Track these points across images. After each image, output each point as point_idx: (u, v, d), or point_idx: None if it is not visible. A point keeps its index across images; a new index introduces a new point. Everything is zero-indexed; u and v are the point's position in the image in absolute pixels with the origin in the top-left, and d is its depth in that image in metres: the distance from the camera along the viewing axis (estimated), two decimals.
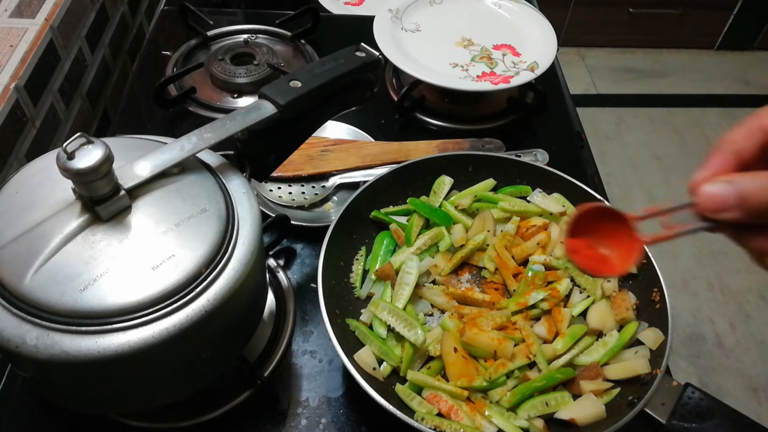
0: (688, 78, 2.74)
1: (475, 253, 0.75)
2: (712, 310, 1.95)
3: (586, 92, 2.67)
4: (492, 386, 0.62)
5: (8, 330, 0.45)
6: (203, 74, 1.02)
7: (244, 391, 0.65)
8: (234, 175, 0.57)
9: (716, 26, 2.76)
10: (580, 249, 0.45)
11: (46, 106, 0.83)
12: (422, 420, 0.58)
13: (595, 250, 0.45)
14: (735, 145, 0.39)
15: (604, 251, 0.45)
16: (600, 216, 0.44)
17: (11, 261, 0.46)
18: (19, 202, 0.49)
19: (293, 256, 0.80)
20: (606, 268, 0.45)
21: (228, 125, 0.56)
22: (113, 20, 1.06)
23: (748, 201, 0.36)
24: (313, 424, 0.65)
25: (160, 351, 0.47)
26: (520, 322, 0.67)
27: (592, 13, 2.67)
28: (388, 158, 0.89)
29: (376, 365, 0.63)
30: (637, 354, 0.64)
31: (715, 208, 0.38)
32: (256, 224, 0.54)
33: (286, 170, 0.87)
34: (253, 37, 1.09)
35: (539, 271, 0.70)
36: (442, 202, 0.79)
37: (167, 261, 0.47)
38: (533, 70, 0.95)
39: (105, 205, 0.48)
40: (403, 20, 1.05)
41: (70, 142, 0.45)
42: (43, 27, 0.82)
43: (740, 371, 1.80)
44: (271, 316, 0.73)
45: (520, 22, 1.07)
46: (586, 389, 0.62)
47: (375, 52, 0.66)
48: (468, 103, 1.02)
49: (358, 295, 0.72)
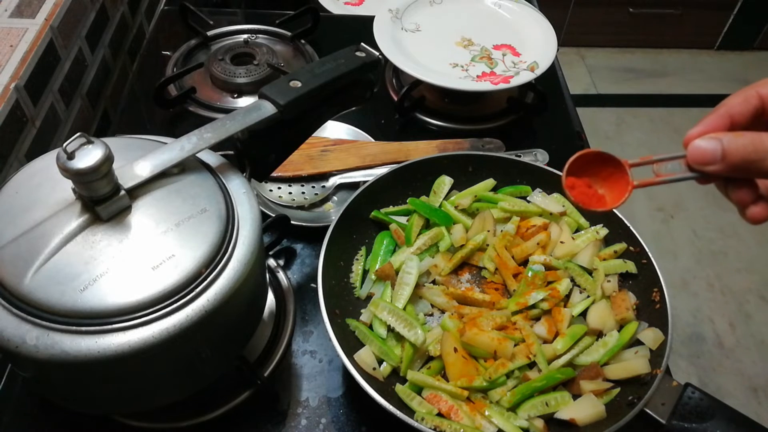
0: (688, 78, 2.74)
1: (475, 253, 0.75)
2: (712, 310, 1.95)
3: (586, 92, 2.67)
4: (492, 386, 0.62)
5: (8, 330, 0.45)
6: (203, 74, 1.03)
7: (244, 391, 0.65)
8: (234, 175, 0.57)
9: (716, 26, 2.76)
10: (576, 185, 0.49)
11: (46, 106, 0.83)
12: (422, 420, 0.58)
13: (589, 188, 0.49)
14: (731, 109, 0.43)
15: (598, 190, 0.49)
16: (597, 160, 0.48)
17: (11, 261, 0.46)
18: (19, 202, 0.49)
19: (293, 256, 0.80)
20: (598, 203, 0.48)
21: (228, 125, 0.56)
22: (113, 20, 1.06)
23: (729, 156, 0.40)
24: (313, 424, 0.65)
25: (160, 351, 0.47)
26: (520, 322, 0.67)
27: (592, 13, 2.67)
28: (388, 158, 0.89)
29: (376, 365, 0.63)
30: (637, 354, 0.64)
31: (701, 161, 0.42)
32: (256, 224, 0.54)
33: (286, 170, 0.87)
34: (253, 37, 1.09)
35: (539, 271, 0.70)
36: (442, 202, 0.79)
37: (167, 261, 0.47)
38: (533, 70, 0.95)
39: (105, 205, 0.48)
40: (403, 20, 1.05)
41: (70, 142, 0.45)
42: (43, 27, 0.82)
43: (740, 371, 1.80)
44: (271, 316, 0.73)
45: (520, 22, 1.07)
46: (586, 389, 0.62)
47: (375, 52, 0.66)
48: (468, 103, 1.02)
49: (358, 295, 0.72)
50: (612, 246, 0.73)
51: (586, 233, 0.75)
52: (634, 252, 0.72)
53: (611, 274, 0.71)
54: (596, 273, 0.70)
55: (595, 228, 0.75)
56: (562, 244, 0.73)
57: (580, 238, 0.74)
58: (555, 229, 0.75)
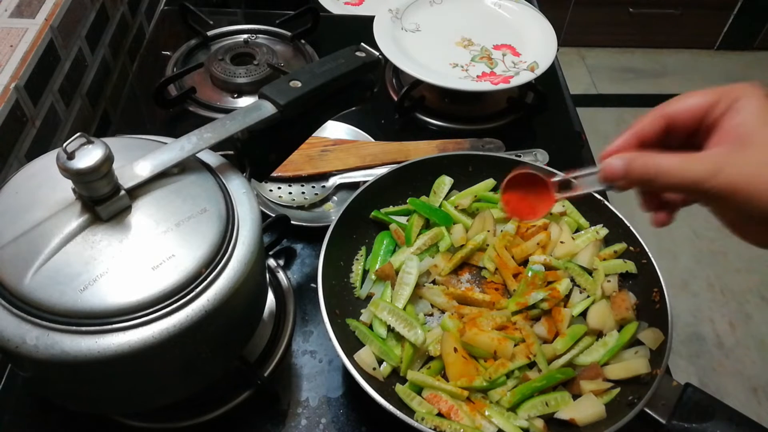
0: (688, 78, 2.74)
1: (475, 253, 0.75)
2: (712, 310, 1.95)
3: (586, 92, 2.67)
4: (492, 386, 0.62)
5: (8, 330, 0.45)
6: (203, 74, 1.03)
7: (244, 391, 0.65)
8: (234, 175, 0.57)
9: (716, 26, 2.76)
10: (510, 201, 0.59)
11: (46, 106, 0.83)
12: (422, 420, 0.58)
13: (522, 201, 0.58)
14: (640, 130, 0.49)
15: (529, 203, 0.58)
16: (529, 178, 0.57)
17: (11, 261, 0.46)
18: (19, 202, 0.49)
19: (293, 256, 0.80)
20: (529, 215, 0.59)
21: (228, 125, 0.56)
22: (113, 20, 1.06)
23: (630, 174, 0.46)
24: (313, 424, 0.65)
25: (161, 351, 0.47)
26: (520, 322, 0.67)
27: (592, 13, 2.67)
28: (388, 158, 0.89)
29: (376, 365, 0.63)
30: (637, 354, 0.64)
31: (610, 177, 0.48)
32: (256, 224, 0.54)
33: (286, 170, 0.87)
34: (253, 37, 1.09)
35: (539, 271, 0.70)
36: (442, 202, 0.79)
37: (167, 261, 0.47)
38: (533, 70, 0.95)
39: (105, 205, 0.48)
40: (403, 20, 1.05)
41: (70, 142, 0.45)
42: (43, 27, 0.82)
43: (740, 371, 1.80)
44: (271, 316, 0.73)
45: (520, 22, 1.07)
46: (586, 389, 0.62)
47: (375, 52, 0.66)
48: (468, 103, 1.02)
49: (358, 295, 0.72)
50: (612, 246, 0.73)
51: (586, 233, 0.75)
52: (634, 252, 0.72)
53: (611, 274, 0.71)
54: (596, 273, 0.70)
55: (595, 228, 0.75)
56: (562, 244, 0.73)
57: (580, 238, 0.74)
58: (555, 229, 0.75)
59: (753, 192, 0.41)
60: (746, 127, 0.43)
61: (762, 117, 0.43)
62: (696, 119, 0.47)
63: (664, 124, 0.48)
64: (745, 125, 0.43)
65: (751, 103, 0.44)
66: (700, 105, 0.47)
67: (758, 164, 0.42)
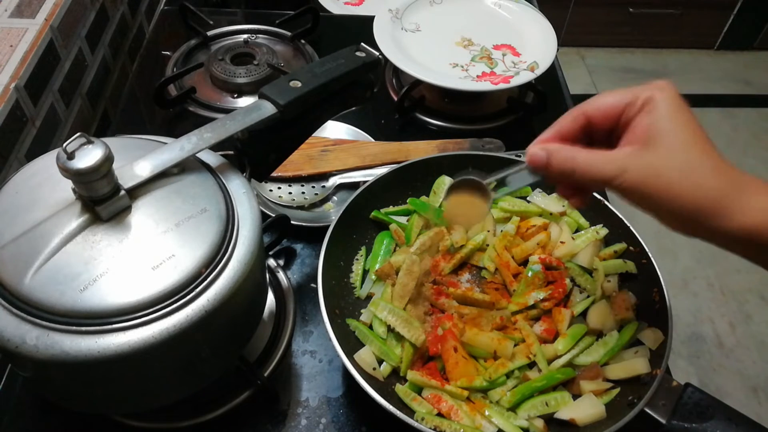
0: (688, 78, 2.74)
1: (475, 253, 0.75)
2: (712, 310, 1.95)
3: (586, 92, 2.67)
4: (492, 386, 0.62)
5: (8, 330, 0.45)
6: (203, 74, 1.03)
7: (244, 391, 0.65)
8: (234, 175, 0.57)
9: (716, 26, 2.76)
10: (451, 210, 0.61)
11: (46, 106, 0.83)
12: (422, 420, 0.58)
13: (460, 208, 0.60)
14: (562, 127, 0.51)
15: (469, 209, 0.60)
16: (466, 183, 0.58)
17: (11, 261, 0.46)
18: (19, 202, 0.49)
19: (293, 256, 0.80)
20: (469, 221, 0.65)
21: (228, 125, 0.56)
22: (113, 20, 1.06)
23: (552, 165, 0.49)
24: (313, 424, 0.65)
25: (160, 351, 0.47)
26: (520, 322, 0.67)
27: (592, 13, 2.67)
28: (388, 158, 0.89)
29: (376, 365, 0.63)
30: (637, 354, 0.64)
31: (533, 166, 0.50)
32: (256, 224, 0.54)
33: (286, 170, 0.87)
34: (253, 37, 1.09)
35: (539, 271, 0.70)
36: (442, 202, 0.79)
37: (167, 261, 0.47)
38: (533, 70, 0.95)
39: (105, 205, 0.48)
40: (403, 20, 1.05)
41: (70, 142, 0.45)
42: (43, 27, 0.82)
43: (740, 371, 1.80)
44: (271, 316, 0.73)
45: (520, 22, 1.07)
46: (586, 389, 0.62)
47: (375, 52, 0.66)
48: (468, 103, 1.02)
49: (358, 295, 0.72)
50: (612, 246, 0.73)
51: (586, 233, 0.75)
52: (634, 252, 0.72)
53: (611, 274, 0.71)
54: (596, 273, 0.70)
55: (595, 228, 0.75)
56: (562, 244, 0.73)
57: (580, 238, 0.74)
58: (555, 229, 0.75)
59: (653, 190, 0.44)
60: (655, 127, 0.45)
61: (670, 118, 0.45)
62: (612, 118, 0.49)
63: (584, 122, 0.50)
64: (655, 125, 0.45)
65: (662, 104, 0.46)
66: (614, 105, 0.49)
67: (659, 165, 0.44)
